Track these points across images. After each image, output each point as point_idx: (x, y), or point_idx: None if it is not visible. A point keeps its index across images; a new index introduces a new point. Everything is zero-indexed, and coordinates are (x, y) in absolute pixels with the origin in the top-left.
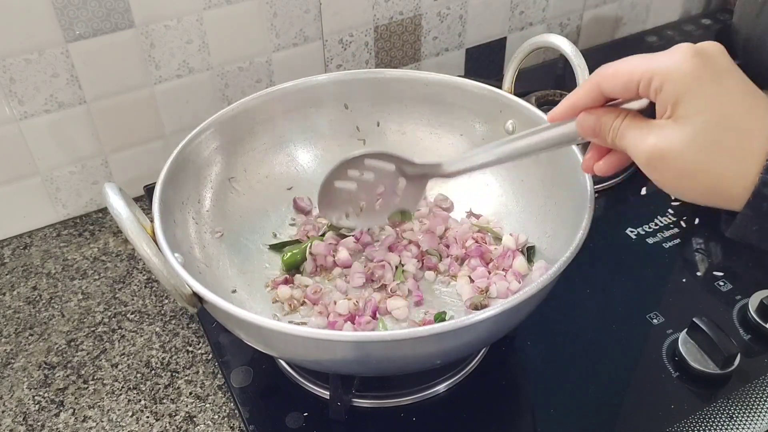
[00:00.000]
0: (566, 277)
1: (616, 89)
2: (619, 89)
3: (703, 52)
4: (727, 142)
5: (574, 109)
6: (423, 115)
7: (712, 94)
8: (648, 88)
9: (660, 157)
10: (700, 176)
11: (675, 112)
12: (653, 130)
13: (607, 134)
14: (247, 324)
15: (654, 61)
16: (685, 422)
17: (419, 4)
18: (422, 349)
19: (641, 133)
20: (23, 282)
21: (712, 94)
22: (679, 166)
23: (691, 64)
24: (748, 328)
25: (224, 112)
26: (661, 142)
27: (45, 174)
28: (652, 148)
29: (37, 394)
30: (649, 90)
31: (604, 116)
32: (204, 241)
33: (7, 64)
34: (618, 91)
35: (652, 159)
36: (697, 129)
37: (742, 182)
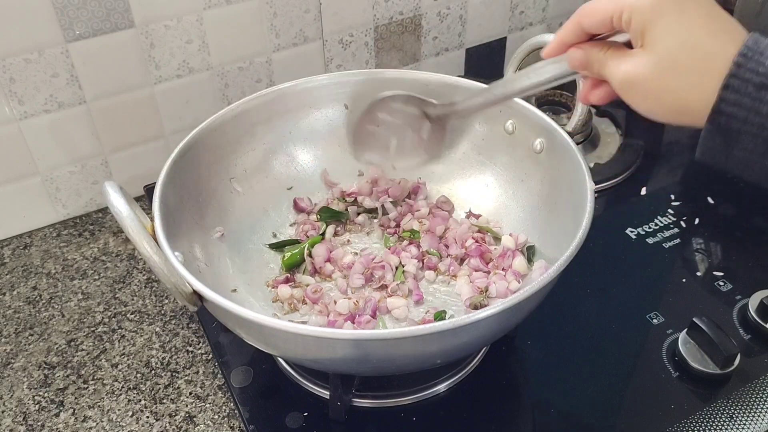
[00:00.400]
0: (566, 277)
1: (594, 25)
2: (597, 25)
3: None
4: (689, 63)
5: (562, 44)
6: None
7: (674, 21)
8: (620, 21)
9: (630, 80)
10: (665, 96)
11: (644, 40)
12: (627, 58)
13: (594, 65)
14: (248, 322)
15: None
16: (685, 422)
17: (419, 4)
18: (422, 348)
19: (618, 62)
20: (23, 282)
21: (674, 20)
22: (646, 88)
23: None
24: (748, 328)
25: (224, 112)
26: (631, 67)
27: (45, 174)
28: (624, 74)
29: (37, 394)
30: (621, 23)
31: (591, 49)
32: (204, 241)
33: (7, 64)
34: (596, 26)
35: (624, 83)
36: (661, 53)
37: (705, 100)
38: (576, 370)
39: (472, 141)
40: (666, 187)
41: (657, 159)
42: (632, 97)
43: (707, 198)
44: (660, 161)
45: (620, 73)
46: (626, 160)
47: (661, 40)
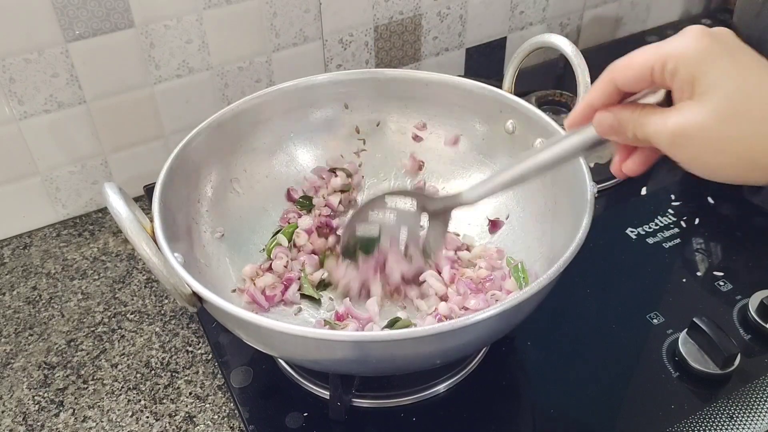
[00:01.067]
0: (566, 277)
1: (631, 81)
2: (634, 80)
3: (712, 32)
4: (752, 110)
5: (591, 108)
6: (423, 116)
7: (727, 67)
8: (663, 73)
9: (683, 134)
10: (729, 147)
11: (694, 91)
12: (674, 112)
13: (627, 128)
14: (247, 323)
15: (665, 46)
16: (685, 422)
17: (419, 3)
18: (422, 349)
19: (662, 117)
20: (23, 282)
21: (727, 67)
22: (705, 139)
23: (702, 43)
24: (748, 328)
25: (224, 112)
26: (682, 119)
27: (45, 174)
28: (674, 127)
29: (36, 394)
30: (665, 75)
31: (622, 112)
32: (204, 241)
33: (7, 64)
34: (633, 82)
35: (676, 137)
36: (718, 101)
37: None
38: (576, 370)
39: (472, 141)
40: (666, 187)
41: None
42: (688, 151)
43: (707, 198)
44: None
45: (669, 126)
46: None
47: (718, 87)
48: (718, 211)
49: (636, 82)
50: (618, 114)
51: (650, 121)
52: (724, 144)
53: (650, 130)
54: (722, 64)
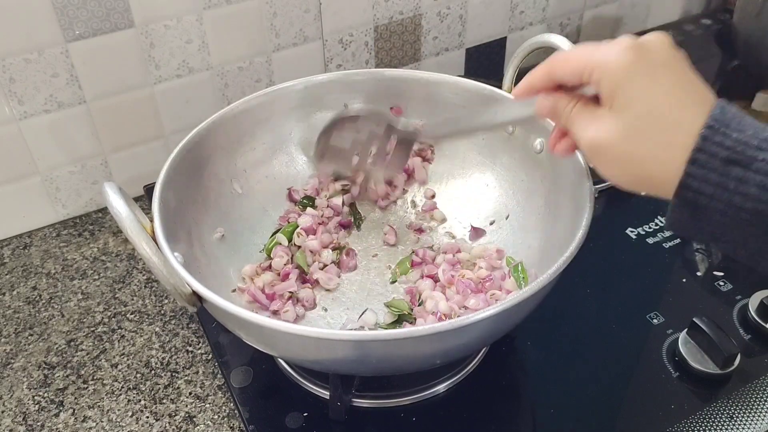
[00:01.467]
0: (566, 277)
1: (566, 76)
2: (568, 76)
3: (640, 45)
4: (656, 133)
5: (531, 88)
6: (423, 115)
7: (645, 87)
8: (590, 78)
9: (597, 145)
10: (630, 165)
11: (612, 103)
12: (594, 120)
13: (560, 117)
14: (247, 323)
15: (596, 53)
16: (685, 422)
17: (419, 3)
18: (422, 349)
19: (585, 122)
20: (23, 282)
21: (643, 87)
22: (612, 154)
23: (625, 58)
24: (748, 328)
25: (224, 112)
26: (598, 132)
27: (45, 174)
28: (591, 138)
29: (36, 394)
30: (591, 80)
31: (560, 101)
32: (204, 241)
33: (7, 64)
34: (567, 78)
35: (591, 147)
36: (627, 120)
37: (671, 171)
38: (576, 370)
39: (472, 141)
40: None
41: None
42: (598, 162)
43: None
44: None
45: (587, 136)
46: None
47: (630, 107)
48: None
49: (570, 78)
50: (556, 101)
51: (577, 122)
52: (627, 161)
53: (575, 130)
54: (640, 82)
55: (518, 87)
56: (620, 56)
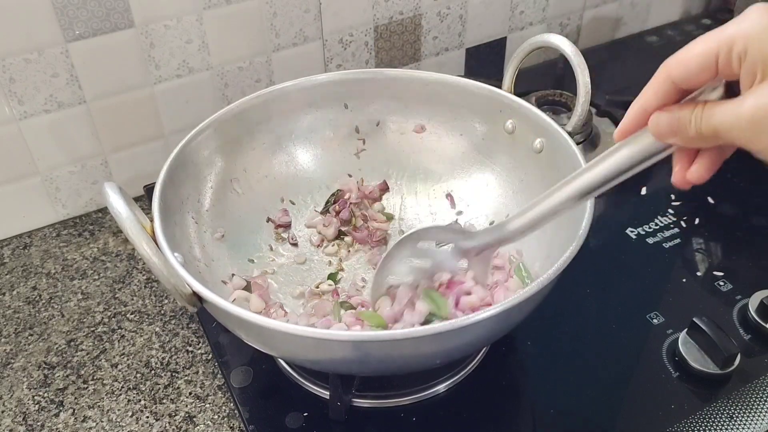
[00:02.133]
0: (566, 277)
1: (693, 73)
2: (696, 72)
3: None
4: None
5: (645, 113)
6: (423, 115)
7: None
8: (729, 58)
9: (764, 117)
10: None
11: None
12: (747, 96)
13: (689, 126)
14: (247, 323)
15: (728, 29)
16: (685, 422)
17: (419, 3)
18: (422, 349)
19: (734, 105)
20: (23, 282)
21: None
22: None
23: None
24: (748, 328)
25: (224, 112)
26: (761, 101)
27: (45, 174)
28: (752, 111)
29: (36, 394)
30: (731, 60)
31: (680, 111)
32: (204, 241)
33: (7, 64)
34: (694, 74)
35: (757, 121)
36: None
37: None
38: (576, 370)
39: (472, 141)
40: (666, 187)
41: None
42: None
43: (707, 198)
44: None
45: (746, 111)
46: None
47: None
48: (718, 211)
49: (698, 74)
50: (677, 113)
51: (719, 111)
52: None
53: (720, 120)
54: None
55: (625, 120)
56: (761, 20)
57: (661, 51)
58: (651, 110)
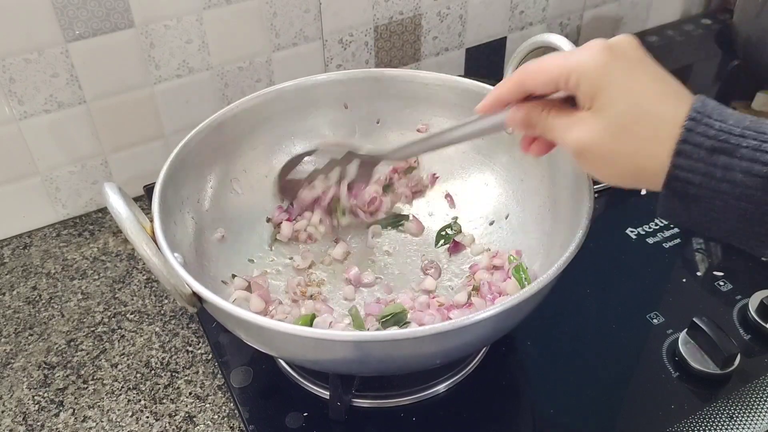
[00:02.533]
0: (566, 277)
1: (538, 87)
2: (541, 86)
3: (613, 46)
4: (640, 128)
5: (499, 102)
6: (423, 115)
7: (623, 85)
8: (567, 84)
9: (583, 147)
10: (619, 161)
11: (593, 104)
12: (576, 123)
13: (536, 126)
14: (247, 324)
15: (570, 59)
16: (685, 422)
17: (419, 3)
18: (422, 349)
19: (566, 126)
20: (23, 282)
21: (623, 85)
22: (600, 154)
23: (602, 59)
24: (748, 328)
25: (224, 111)
26: (582, 134)
27: (45, 174)
28: (576, 141)
29: (36, 394)
30: (568, 86)
31: (532, 111)
32: (204, 241)
33: (7, 64)
34: (540, 87)
35: (577, 150)
36: (611, 119)
37: (659, 164)
38: (576, 370)
39: (472, 140)
40: None
41: None
42: (586, 162)
43: None
44: None
45: (572, 139)
46: None
47: (612, 105)
48: None
49: (543, 88)
50: (529, 112)
51: (557, 128)
52: (615, 158)
53: (556, 136)
54: (620, 81)
55: (485, 102)
56: (596, 58)
57: (661, 51)
58: (504, 101)
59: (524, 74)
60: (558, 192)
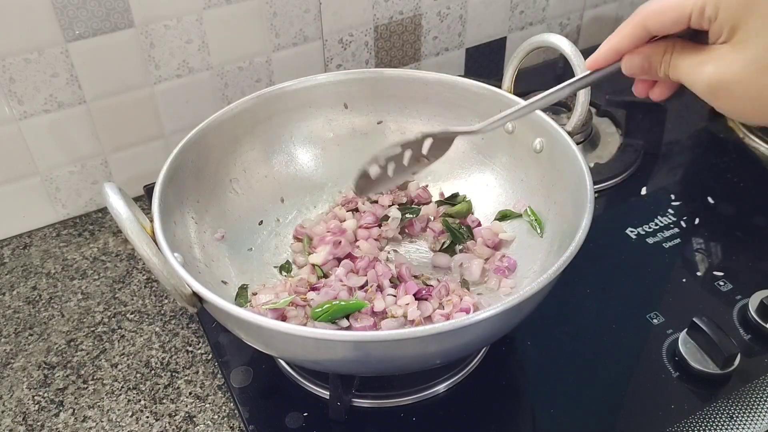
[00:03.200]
0: (566, 277)
1: (665, 25)
2: (669, 25)
3: None
4: None
5: (616, 52)
6: (423, 115)
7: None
8: (701, 17)
9: (721, 84)
10: (764, 98)
11: (732, 36)
12: (710, 57)
13: (658, 69)
14: (247, 324)
15: None
16: (685, 422)
17: (419, 3)
18: (422, 349)
19: (697, 62)
20: (23, 282)
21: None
22: (741, 90)
23: None
24: (748, 328)
25: (224, 111)
26: (720, 69)
27: (45, 174)
28: (711, 76)
29: (36, 394)
30: (702, 19)
31: (653, 54)
32: (204, 241)
33: (6, 64)
34: (667, 27)
35: (713, 87)
36: (758, 52)
37: None
38: (576, 370)
39: (472, 140)
40: (666, 187)
41: (657, 159)
42: (725, 100)
43: (707, 198)
44: (660, 161)
45: (706, 75)
46: (626, 160)
47: (758, 37)
48: (718, 211)
49: (671, 26)
50: (650, 56)
51: (684, 65)
52: (757, 95)
53: (684, 73)
54: (764, 11)
55: (598, 55)
56: None
57: None
58: (623, 51)
59: (645, 15)
60: (558, 192)
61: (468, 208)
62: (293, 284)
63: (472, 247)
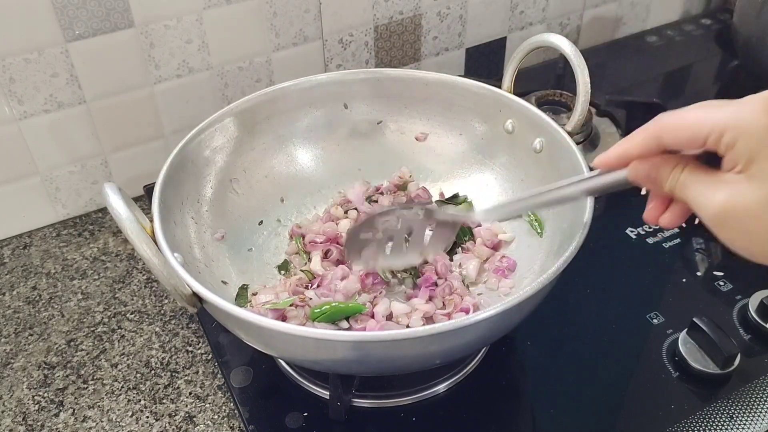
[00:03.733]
0: (566, 277)
1: (680, 142)
2: (683, 142)
3: None
4: None
5: (627, 157)
6: (423, 115)
7: None
8: (718, 142)
9: (730, 215)
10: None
11: (749, 168)
12: (722, 185)
13: (665, 183)
14: (247, 324)
15: (721, 114)
16: (685, 422)
17: (419, 3)
18: (422, 349)
19: (708, 186)
20: (23, 282)
21: None
22: (751, 225)
23: (766, 120)
24: (748, 328)
25: (224, 111)
26: (732, 199)
27: (45, 174)
28: (722, 205)
29: (36, 394)
30: (720, 144)
31: (662, 166)
32: (204, 241)
33: (6, 64)
34: (682, 143)
35: (722, 216)
36: None
37: None
38: (576, 370)
39: (472, 140)
40: None
41: None
42: (732, 232)
43: None
44: None
45: (716, 202)
46: None
47: None
48: None
49: (686, 143)
50: (659, 168)
51: (694, 186)
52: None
53: (692, 195)
54: None
55: (608, 156)
56: (760, 117)
57: (661, 51)
58: (633, 156)
59: (661, 127)
60: None
61: (468, 209)
62: (292, 283)
63: (471, 247)
